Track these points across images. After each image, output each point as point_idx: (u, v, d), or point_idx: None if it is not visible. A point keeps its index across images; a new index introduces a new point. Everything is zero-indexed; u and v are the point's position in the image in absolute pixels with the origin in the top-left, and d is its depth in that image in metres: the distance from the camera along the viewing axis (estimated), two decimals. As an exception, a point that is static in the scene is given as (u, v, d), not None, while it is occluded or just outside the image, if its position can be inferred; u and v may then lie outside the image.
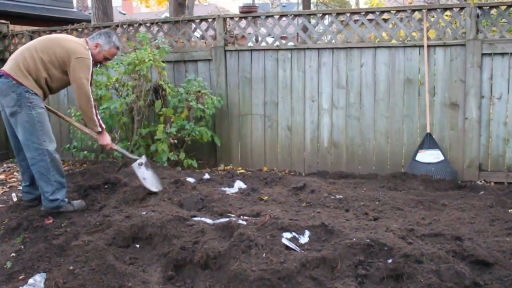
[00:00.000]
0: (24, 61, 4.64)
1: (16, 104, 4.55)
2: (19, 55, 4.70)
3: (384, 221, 4.41)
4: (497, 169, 6.34)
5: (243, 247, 3.57)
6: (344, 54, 6.83)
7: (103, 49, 5.04)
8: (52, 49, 4.73)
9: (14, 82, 4.55)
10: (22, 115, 4.56)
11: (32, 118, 4.57)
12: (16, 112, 4.57)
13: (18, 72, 4.58)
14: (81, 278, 3.40)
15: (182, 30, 7.62)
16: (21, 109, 4.55)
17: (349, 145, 6.92)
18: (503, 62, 6.19)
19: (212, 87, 7.40)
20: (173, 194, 5.14)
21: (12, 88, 4.55)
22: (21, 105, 4.54)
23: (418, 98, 6.57)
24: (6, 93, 4.57)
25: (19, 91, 4.55)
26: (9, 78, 4.56)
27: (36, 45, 4.80)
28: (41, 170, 4.63)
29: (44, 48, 4.74)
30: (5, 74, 4.60)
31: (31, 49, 4.73)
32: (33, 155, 4.61)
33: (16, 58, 4.69)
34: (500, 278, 3.31)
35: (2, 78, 4.60)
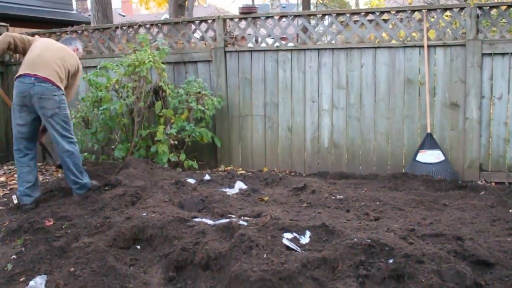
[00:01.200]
0: (58, 68, 5.21)
1: (56, 106, 5.11)
2: (52, 62, 5.19)
3: (385, 221, 4.40)
4: (497, 169, 6.33)
5: (244, 248, 3.56)
6: (344, 55, 6.83)
7: (79, 52, 5.85)
8: (70, 59, 5.40)
9: (55, 86, 5.11)
10: (60, 115, 5.16)
11: (67, 117, 5.26)
12: (56, 113, 5.12)
13: (57, 78, 5.16)
14: (82, 280, 3.40)
15: (182, 31, 7.62)
16: (59, 110, 5.14)
17: (350, 146, 6.91)
18: (503, 62, 6.19)
19: (212, 88, 7.40)
20: (174, 195, 5.14)
21: (53, 92, 5.10)
22: (59, 107, 5.14)
23: (419, 99, 6.57)
24: (49, 97, 5.08)
25: (59, 94, 5.14)
26: (49, 83, 5.08)
27: (60, 52, 5.37)
28: (75, 160, 5.27)
29: (66, 58, 5.36)
30: (45, 79, 5.08)
31: (60, 58, 5.30)
32: (69, 147, 5.23)
33: (51, 64, 5.18)
34: (501, 278, 3.31)
35: (42, 83, 5.06)
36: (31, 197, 5.21)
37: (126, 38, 8.01)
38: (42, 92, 5.05)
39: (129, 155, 6.93)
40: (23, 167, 5.27)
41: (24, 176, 5.25)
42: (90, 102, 7.00)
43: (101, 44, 8.10)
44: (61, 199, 5.38)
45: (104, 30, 8.09)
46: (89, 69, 7.75)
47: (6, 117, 8.69)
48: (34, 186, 5.27)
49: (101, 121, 6.99)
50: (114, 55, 7.77)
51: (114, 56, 7.72)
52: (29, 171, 5.28)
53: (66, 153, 5.23)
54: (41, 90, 5.05)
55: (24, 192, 5.21)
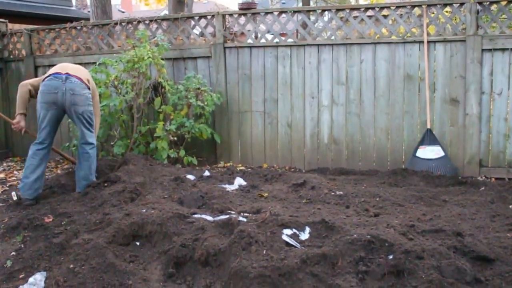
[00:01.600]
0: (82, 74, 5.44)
1: (87, 103, 5.35)
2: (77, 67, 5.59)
3: (385, 217, 4.40)
4: (497, 165, 6.33)
5: (243, 244, 3.56)
6: (343, 51, 6.82)
7: None
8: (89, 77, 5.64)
9: (84, 84, 5.35)
10: (88, 111, 5.38)
11: (92, 113, 5.47)
12: (86, 110, 5.34)
13: (85, 79, 5.41)
14: (81, 277, 3.39)
15: (181, 27, 7.61)
16: (88, 107, 5.37)
17: (349, 142, 6.91)
18: (503, 58, 6.18)
19: (212, 84, 7.39)
20: (173, 191, 5.13)
21: (84, 89, 5.33)
22: (88, 104, 5.38)
23: (418, 94, 6.56)
24: (81, 93, 5.29)
25: (87, 92, 5.37)
26: (79, 80, 5.32)
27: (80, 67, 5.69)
28: (94, 154, 5.51)
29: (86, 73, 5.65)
30: (76, 77, 5.31)
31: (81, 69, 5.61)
32: (92, 141, 5.48)
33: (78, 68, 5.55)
34: (501, 273, 3.30)
35: (73, 80, 5.28)
36: (34, 193, 5.22)
37: (125, 34, 8.00)
38: (75, 88, 5.25)
39: (129, 151, 6.92)
40: (34, 159, 5.29)
41: (32, 168, 5.26)
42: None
43: (100, 40, 8.08)
44: (60, 195, 5.37)
45: (103, 26, 8.07)
46: (88, 65, 7.73)
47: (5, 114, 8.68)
48: (39, 181, 5.27)
49: (101, 117, 6.97)
50: (113, 51, 7.76)
51: (113, 52, 7.71)
52: (39, 164, 5.31)
53: (89, 146, 5.44)
54: (73, 86, 5.24)
55: (27, 185, 5.21)
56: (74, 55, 8.13)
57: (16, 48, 8.72)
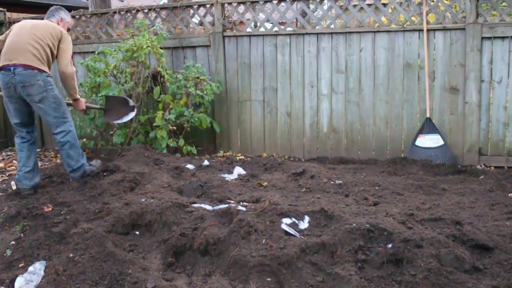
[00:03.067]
0: (35, 49, 5.00)
1: (42, 90, 4.99)
2: (26, 45, 5.00)
3: (384, 206, 4.41)
4: (497, 153, 6.33)
5: (242, 233, 3.57)
6: (343, 39, 6.79)
7: (66, 21, 5.61)
8: (46, 33, 5.13)
9: (36, 71, 4.95)
10: (49, 98, 5.04)
11: (57, 97, 5.12)
12: (44, 97, 5.01)
13: (37, 61, 4.98)
14: (81, 266, 3.40)
15: (180, 16, 7.57)
16: (47, 93, 5.02)
17: (349, 131, 6.90)
18: (503, 46, 6.15)
19: (211, 73, 7.37)
20: (173, 180, 5.13)
21: (36, 76, 4.95)
22: (47, 90, 5.02)
23: (418, 83, 6.54)
24: (33, 83, 4.95)
25: (42, 77, 4.99)
26: (30, 68, 4.93)
27: (33, 31, 5.11)
28: (71, 140, 5.21)
29: (43, 32, 5.11)
30: (24, 66, 4.93)
31: (34, 37, 5.06)
32: (63, 128, 5.17)
33: (26, 48, 4.99)
34: (500, 262, 3.32)
35: (22, 71, 4.92)
36: (30, 182, 5.19)
37: (124, 23, 7.96)
38: (24, 80, 4.93)
39: (128, 140, 6.93)
40: (22, 151, 5.25)
41: (23, 160, 5.23)
42: (89, 87, 6.97)
43: (99, 29, 8.05)
44: (59, 185, 5.37)
45: (102, 15, 8.03)
46: (87, 54, 7.73)
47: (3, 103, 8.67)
48: (33, 171, 5.24)
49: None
50: (112, 40, 7.72)
51: (112, 41, 7.67)
52: (28, 155, 5.25)
53: (61, 134, 5.18)
54: (22, 78, 4.93)
55: (23, 177, 5.19)
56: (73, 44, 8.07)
57: (15, 37, 8.67)
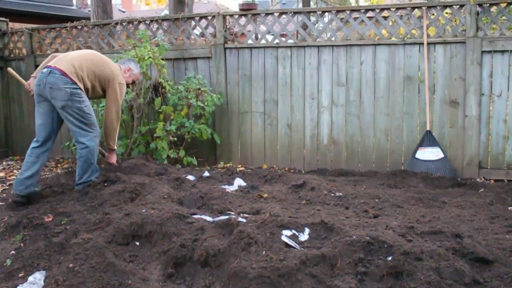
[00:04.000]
0: (79, 66, 5.25)
1: (69, 98, 5.09)
2: (74, 60, 5.28)
3: (384, 219, 4.41)
4: (497, 166, 6.33)
5: (243, 245, 3.56)
6: (344, 52, 6.82)
7: (132, 73, 5.83)
8: (101, 66, 5.42)
9: (68, 79, 5.11)
10: (73, 108, 5.13)
11: (82, 110, 5.18)
12: (67, 105, 5.10)
13: (73, 73, 5.17)
14: (81, 276, 3.39)
15: (181, 27, 7.61)
16: (72, 103, 5.11)
17: (349, 143, 6.92)
18: (503, 60, 6.18)
19: (212, 85, 7.40)
20: (173, 191, 5.13)
21: (66, 84, 5.10)
22: (72, 100, 5.11)
23: (418, 96, 6.57)
24: (61, 88, 5.08)
25: (71, 87, 5.12)
26: (63, 74, 5.11)
27: (88, 57, 5.45)
28: (87, 154, 5.24)
29: (95, 62, 5.41)
30: (58, 70, 5.12)
31: (85, 59, 5.38)
32: (84, 140, 5.23)
33: (72, 61, 5.25)
34: (500, 275, 3.31)
35: (56, 74, 5.11)
36: (25, 190, 5.13)
37: (126, 34, 8.01)
38: (54, 82, 5.08)
39: (129, 151, 6.94)
40: (31, 157, 5.22)
41: (27, 165, 5.20)
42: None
43: (101, 40, 8.09)
44: (60, 194, 5.36)
45: (104, 26, 8.08)
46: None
47: (5, 112, 8.69)
48: (32, 179, 5.17)
49: (101, 117, 6.97)
50: (114, 51, 7.76)
51: (114, 52, 7.71)
52: (34, 162, 5.22)
53: (80, 145, 5.25)
54: (52, 80, 5.08)
55: (20, 182, 5.15)
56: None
57: (17, 47, 8.72)
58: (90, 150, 5.25)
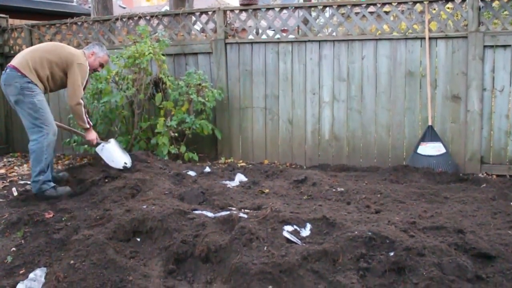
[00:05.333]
0: (32, 58, 5.23)
1: (19, 93, 5.10)
2: (28, 53, 5.31)
3: (386, 214, 4.39)
4: (499, 162, 6.31)
5: (244, 240, 3.55)
6: (345, 47, 6.80)
7: (98, 56, 5.72)
8: (57, 52, 5.40)
9: (18, 74, 5.11)
10: (25, 102, 5.11)
11: (35, 104, 5.12)
12: (19, 100, 5.12)
13: (25, 66, 5.16)
14: (81, 272, 3.38)
15: (182, 23, 7.59)
16: (24, 97, 5.10)
17: (351, 138, 6.90)
18: (505, 54, 6.15)
19: (213, 80, 7.38)
20: (174, 187, 5.12)
21: (15, 79, 5.11)
22: (23, 94, 5.10)
23: (420, 91, 6.54)
24: (11, 83, 5.13)
25: (22, 81, 5.11)
26: (15, 70, 5.13)
27: (44, 47, 5.49)
28: (37, 151, 5.13)
29: (51, 50, 5.41)
30: (11, 67, 5.17)
31: (40, 50, 5.40)
32: (36, 137, 5.13)
33: (25, 55, 5.28)
34: (502, 271, 3.30)
35: (8, 70, 5.19)
36: None
37: (126, 30, 7.99)
38: (5, 79, 5.19)
39: (129, 147, 6.92)
40: None
41: None
42: (90, 94, 6.98)
43: (101, 36, 8.07)
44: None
45: (104, 22, 8.06)
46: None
47: (6, 110, 8.68)
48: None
49: (101, 113, 6.97)
50: (114, 47, 7.74)
51: (114, 48, 7.69)
52: None
53: (32, 142, 5.15)
54: (4, 77, 5.20)
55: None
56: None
57: (17, 44, 8.70)
58: (40, 147, 5.12)
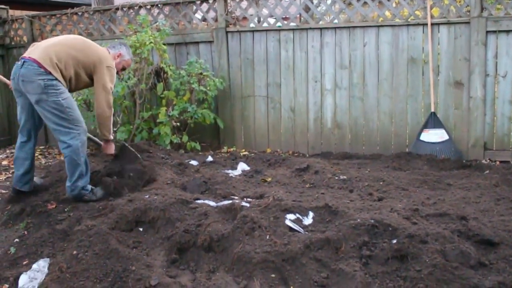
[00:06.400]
0: (56, 53, 4.57)
1: (43, 91, 4.43)
2: (51, 46, 4.62)
3: (389, 202, 4.39)
4: (502, 148, 6.29)
5: (246, 229, 3.55)
6: (346, 34, 6.75)
7: (123, 59, 5.15)
8: (85, 51, 4.74)
9: (42, 70, 4.44)
10: (49, 102, 4.45)
11: (60, 104, 4.48)
12: (42, 99, 4.45)
13: (48, 61, 4.49)
14: (84, 263, 3.39)
15: (183, 12, 7.55)
16: (47, 96, 4.44)
17: (353, 126, 6.88)
18: (508, 40, 6.11)
19: (214, 69, 7.36)
20: (176, 177, 5.12)
21: (38, 75, 4.43)
22: (47, 93, 4.43)
23: (422, 78, 6.51)
24: (32, 80, 4.44)
25: (46, 78, 4.44)
26: (36, 64, 4.45)
27: (69, 42, 4.79)
28: (71, 154, 4.56)
29: (78, 47, 4.74)
30: (32, 60, 4.48)
31: (64, 44, 4.71)
32: (65, 139, 4.54)
33: (48, 48, 4.60)
34: (505, 257, 3.29)
35: (27, 64, 4.48)
36: (25, 186, 4.89)
37: (127, 20, 7.96)
38: (25, 74, 4.46)
39: (131, 137, 6.92)
40: (21, 152, 4.89)
41: (19, 162, 4.90)
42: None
43: (102, 26, 8.04)
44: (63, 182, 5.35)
45: (105, 12, 8.03)
46: (90, 51, 7.70)
47: (8, 100, 8.69)
48: (29, 174, 4.91)
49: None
50: (115, 37, 7.72)
51: (115, 37, 7.66)
52: (26, 158, 4.87)
53: (62, 145, 4.60)
54: (24, 72, 4.46)
55: (18, 178, 4.89)
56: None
57: (18, 35, 8.69)
58: (74, 150, 4.56)
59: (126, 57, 5.19)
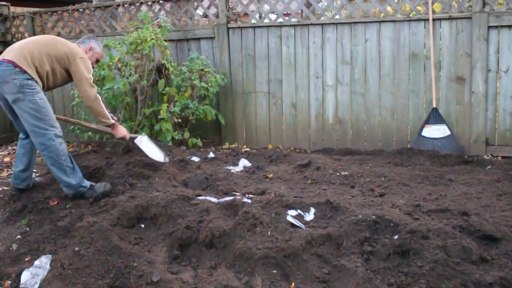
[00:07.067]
0: (30, 52, 4.60)
1: (19, 91, 4.44)
2: (24, 46, 4.66)
3: (390, 197, 4.38)
4: (504, 143, 6.28)
5: (248, 226, 3.56)
6: (348, 30, 6.74)
7: (95, 51, 5.21)
8: (55, 45, 4.79)
9: (17, 69, 4.46)
10: (26, 102, 4.46)
11: (37, 103, 4.49)
12: (19, 99, 4.46)
13: (23, 60, 4.52)
14: (86, 259, 3.39)
15: (184, 8, 7.54)
16: (24, 96, 4.45)
17: (354, 122, 6.87)
18: (510, 35, 6.09)
19: (216, 65, 7.35)
20: (178, 173, 5.12)
21: (13, 75, 4.45)
22: (24, 92, 4.45)
23: (424, 73, 6.49)
24: (8, 80, 4.45)
25: (21, 78, 4.46)
26: (11, 64, 4.47)
27: (40, 40, 4.85)
28: (51, 155, 4.54)
29: (48, 43, 4.78)
30: (6, 61, 4.49)
31: (37, 43, 4.75)
32: (42, 140, 4.52)
33: (21, 48, 4.62)
34: (507, 253, 3.29)
35: (3, 66, 4.49)
36: (23, 183, 4.97)
37: (128, 16, 7.95)
38: (1, 75, 4.47)
39: (133, 133, 6.91)
40: (20, 148, 5.01)
41: (18, 158, 5.01)
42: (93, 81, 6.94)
43: (103, 22, 8.03)
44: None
45: (106, 8, 8.02)
46: (91, 47, 7.70)
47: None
48: (27, 171, 4.98)
49: (104, 100, 6.94)
50: (116, 33, 7.72)
51: (116, 34, 7.66)
52: (24, 154, 4.97)
53: (40, 147, 4.57)
54: (0, 73, 4.47)
55: (16, 175, 4.97)
56: (77, 38, 8.05)
57: (19, 31, 8.68)
58: (52, 150, 4.54)
59: (97, 50, 5.23)
